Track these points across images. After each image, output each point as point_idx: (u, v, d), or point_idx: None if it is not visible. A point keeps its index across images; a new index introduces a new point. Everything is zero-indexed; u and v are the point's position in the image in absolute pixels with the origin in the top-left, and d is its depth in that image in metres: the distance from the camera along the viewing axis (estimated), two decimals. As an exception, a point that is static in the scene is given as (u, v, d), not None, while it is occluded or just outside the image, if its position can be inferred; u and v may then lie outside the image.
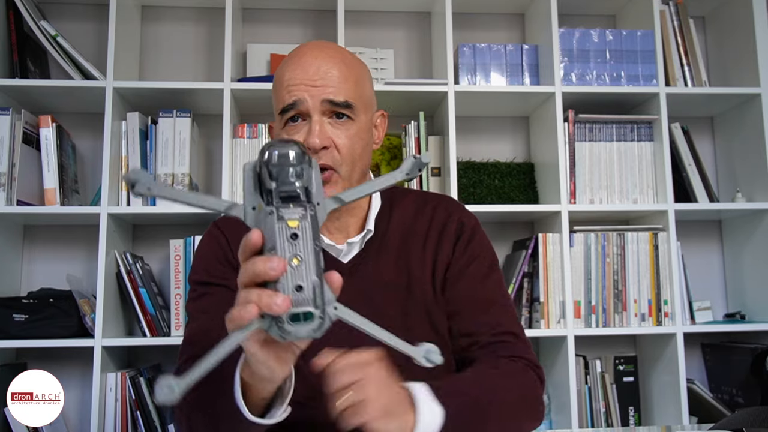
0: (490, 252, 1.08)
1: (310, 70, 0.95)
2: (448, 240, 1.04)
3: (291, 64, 0.97)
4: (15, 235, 2.07)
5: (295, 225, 0.58)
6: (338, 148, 0.95)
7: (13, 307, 1.85)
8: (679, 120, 2.22)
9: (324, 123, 0.95)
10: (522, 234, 2.27)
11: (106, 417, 1.85)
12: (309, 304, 0.57)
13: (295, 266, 0.57)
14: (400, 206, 1.07)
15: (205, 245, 1.07)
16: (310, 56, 0.96)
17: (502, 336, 0.99)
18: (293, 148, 0.60)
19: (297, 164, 0.60)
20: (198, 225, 2.06)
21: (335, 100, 0.94)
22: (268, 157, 0.60)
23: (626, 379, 2.08)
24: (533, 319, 2.04)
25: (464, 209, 1.10)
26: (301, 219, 0.58)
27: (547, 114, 2.13)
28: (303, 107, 0.94)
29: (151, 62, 2.26)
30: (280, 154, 0.59)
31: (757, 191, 2.14)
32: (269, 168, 0.59)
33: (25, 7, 1.96)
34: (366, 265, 1.01)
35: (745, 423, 0.96)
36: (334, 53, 0.98)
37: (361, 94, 0.98)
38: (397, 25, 2.35)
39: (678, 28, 2.20)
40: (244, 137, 2.02)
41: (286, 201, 0.59)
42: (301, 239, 0.58)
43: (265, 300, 0.57)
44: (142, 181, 0.58)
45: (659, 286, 2.03)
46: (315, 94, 0.94)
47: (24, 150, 1.90)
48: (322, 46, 0.99)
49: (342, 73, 0.96)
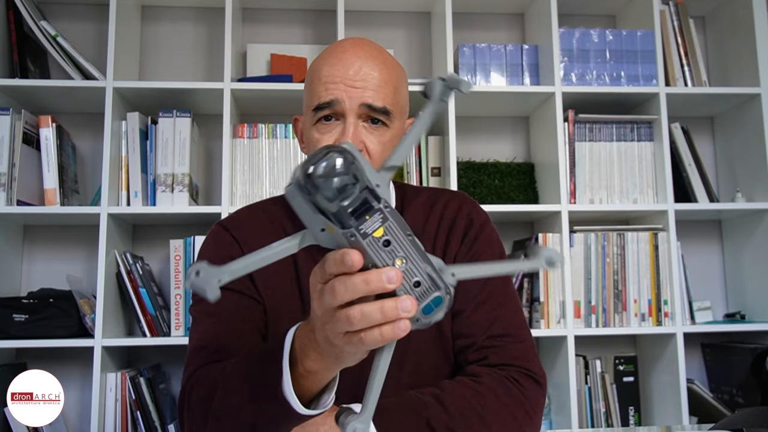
0: (499, 248, 1.05)
1: (351, 69, 0.91)
2: (456, 235, 1.01)
3: (331, 59, 0.93)
4: (15, 235, 2.07)
5: (381, 233, 0.54)
6: (370, 152, 0.92)
7: (13, 307, 1.85)
8: (679, 120, 2.22)
9: (358, 126, 0.91)
10: (522, 234, 2.27)
11: (106, 417, 1.85)
12: (433, 291, 0.56)
13: (403, 266, 0.55)
14: (411, 206, 1.05)
15: (209, 246, 1.03)
16: (351, 53, 0.92)
17: (495, 340, 0.95)
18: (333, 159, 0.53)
19: (346, 171, 0.53)
20: (198, 225, 2.06)
21: (374, 105, 0.91)
22: (315, 181, 0.52)
23: (626, 379, 2.08)
24: (533, 319, 2.04)
25: (475, 205, 1.07)
26: (384, 222, 0.54)
27: (547, 114, 2.13)
28: (339, 107, 0.91)
29: (151, 62, 2.26)
30: (326, 173, 0.52)
31: (757, 191, 2.14)
32: (323, 193, 0.52)
33: (25, 7, 1.96)
34: None
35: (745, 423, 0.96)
36: (376, 53, 0.94)
37: (399, 100, 0.95)
38: (397, 25, 2.35)
39: (678, 28, 2.20)
40: (244, 137, 2.02)
41: (360, 212, 0.54)
42: (393, 241, 0.55)
43: (392, 313, 0.53)
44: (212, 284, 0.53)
45: (659, 286, 2.03)
46: (354, 95, 0.90)
47: (24, 150, 1.90)
48: (364, 44, 0.95)
49: (383, 77, 0.92)
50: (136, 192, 1.95)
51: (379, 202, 0.54)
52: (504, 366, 0.93)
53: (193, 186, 2.01)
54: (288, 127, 2.04)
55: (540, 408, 0.94)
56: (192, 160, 2.00)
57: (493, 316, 0.96)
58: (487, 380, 0.90)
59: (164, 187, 1.95)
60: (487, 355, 0.94)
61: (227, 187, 1.94)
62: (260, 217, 1.03)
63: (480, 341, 0.95)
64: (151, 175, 1.98)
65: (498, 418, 0.86)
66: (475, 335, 0.95)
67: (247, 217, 1.04)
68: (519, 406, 0.89)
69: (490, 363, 0.93)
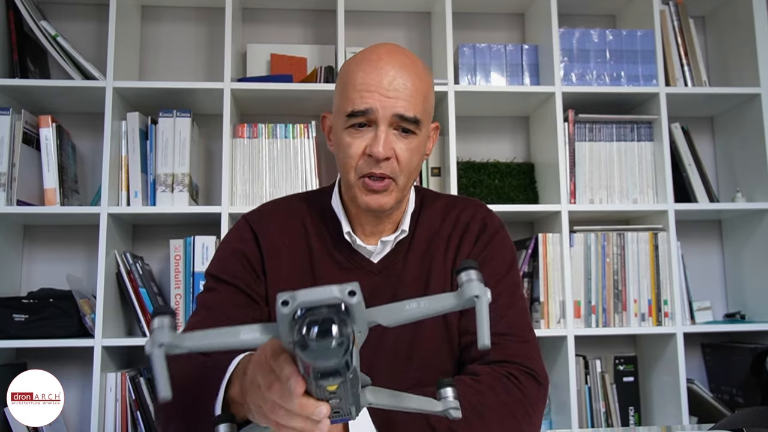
0: (510, 253, 1.08)
1: (385, 79, 0.94)
2: (469, 239, 1.05)
3: (366, 66, 0.96)
4: (15, 235, 2.07)
5: (333, 389, 0.57)
6: (399, 159, 0.96)
7: (13, 307, 1.85)
8: (679, 120, 2.22)
9: (389, 133, 0.95)
10: (522, 234, 2.27)
11: (106, 417, 1.85)
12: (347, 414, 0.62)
13: (334, 401, 0.60)
14: (429, 210, 1.09)
15: (229, 239, 1.07)
16: (386, 63, 0.96)
17: (498, 337, 0.95)
18: (334, 325, 0.50)
19: (339, 342, 0.50)
20: (198, 225, 2.06)
21: (406, 116, 0.94)
22: (307, 335, 0.50)
23: (626, 379, 2.08)
24: (533, 319, 2.05)
25: (490, 211, 1.11)
26: (341, 384, 0.56)
27: (547, 114, 2.13)
28: (373, 116, 0.94)
29: (151, 62, 2.26)
30: (321, 335, 0.50)
31: (757, 191, 2.14)
32: (306, 347, 0.50)
33: (25, 7, 1.96)
34: (394, 265, 1.03)
35: (745, 423, 0.96)
36: (410, 63, 0.97)
37: (427, 108, 0.99)
38: (397, 25, 2.35)
39: (678, 28, 2.20)
40: (244, 137, 2.02)
41: (327, 375, 0.54)
42: (340, 393, 0.58)
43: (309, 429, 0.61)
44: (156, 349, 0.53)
45: (659, 286, 2.03)
46: (387, 105, 0.94)
47: (24, 150, 1.90)
48: (398, 53, 0.98)
49: (415, 87, 0.96)
50: (136, 192, 1.95)
51: (348, 370, 0.54)
52: (504, 363, 0.95)
53: (193, 186, 2.01)
54: (288, 127, 2.03)
55: (540, 407, 0.94)
56: (192, 160, 2.00)
57: (498, 314, 0.97)
58: (487, 378, 0.91)
59: (164, 187, 1.95)
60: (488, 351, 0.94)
61: (227, 187, 1.94)
62: (282, 212, 1.08)
63: None
64: (151, 175, 1.98)
65: (497, 415, 0.87)
66: None
67: (271, 211, 1.09)
68: (518, 404, 0.90)
69: (492, 359, 0.95)
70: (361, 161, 0.96)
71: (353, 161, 0.96)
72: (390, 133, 0.95)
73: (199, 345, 0.55)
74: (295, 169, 2.02)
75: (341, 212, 1.05)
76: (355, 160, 0.96)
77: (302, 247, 1.04)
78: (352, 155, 0.96)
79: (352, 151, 0.96)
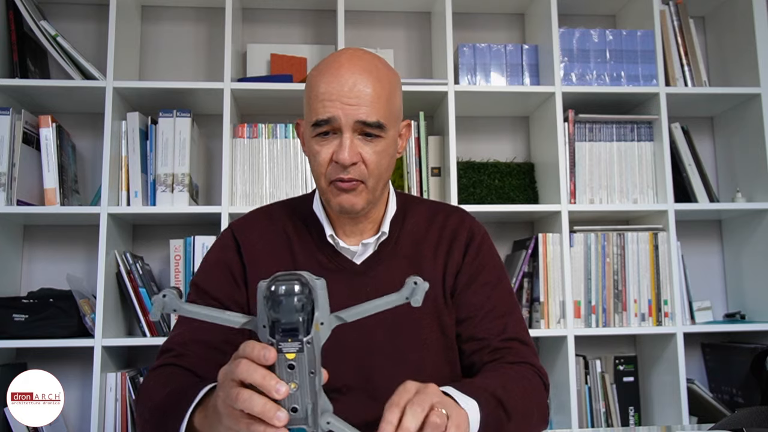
0: (499, 260, 1.14)
1: (345, 87, 0.96)
2: (458, 246, 1.09)
3: (327, 75, 0.98)
4: (15, 235, 2.07)
5: (292, 357, 0.65)
6: (366, 162, 0.98)
7: (13, 307, 1.85)
8: (679, 120, 2.22)
9: (354, 139, 0.98)
10: (522, 234, 2.27)
11: (106, 417, 1.85)
12: (302, 423, 0.66)
13: (293, 390, 0.65)
14: (413, 214, 1.12)
15: (214, 252, 1.11)
16: (346, 70, 0.97)
17: (509, 342, 1.04)
18: (296, 284, 0.65)
19: (299, 299, 0.64)
20: (198, 225, 2.06)
21: (368, 121, 0.97)
22: (274, 290, 0.65)
23: (626, 379, 2.08)
24: (533, 319, 2.04)
25: (474, 220, 1.15)
26: (298, 351, 0.65)
27: (547, 114, 2.13)
28: (336, 124, 0.97)
29: (151, 62, 2.26)
30: (285, 291, 0.64)
31: (757, 191, 2.14)
32: (273, 301, 0.64)
33: (25, 7, 1.96)
34: (378, 266, 1.06)
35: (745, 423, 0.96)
36: (370, 68, 0.99)
37: (392, 110, 1.01)
38: (397, 25, 2.35)
39: (678, 28, 2.20)
40: (244, 137, 2.02)
41: (287, 333, 0.65)
42: (297, 369, 0.65)
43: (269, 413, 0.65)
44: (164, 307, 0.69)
45: (659, 286, 2.03)
46: (349, 113, 0.96)
47: (24, 150, 1.90)
48: (358, 59, 1.00)
49: (376, 92, 0.97)
50: (136, 192, 1.95)
51: (307, 336, 0.65)
52: (520, 363, 1.03)
53: (193, 186, 2.01)
54: (288, 127, 2.04)
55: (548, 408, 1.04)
56: (192, 160, 2.00)
57: (503, 322, 1.06)
58: (518, 369, 1.01)
59: (164, 187, 1.95)
60: (503, 355, 1.03)
61: (227, 187, 1.94)
62: (263, 220, 1.12)
63: (494, 344, 1.04)
64: (151, 175, 1.98)
65: (536, 398, 0.98)
66: (489, 338, 1.05)
67: (255, 219, 1.14)
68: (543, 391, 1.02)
69: (508, 361, 1.02)
70: (329, 168, 0.99)
71: (322, 168, 1.00)
72: (355, 138, 0.98)
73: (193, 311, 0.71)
74: (295, 169, 2.02)
75: (323, 216, 1.08)
76: (324, 167, 0.99)
77: (285, 253, 1.07)
78: (321, 162, 0.99)
79: (320, 159, 0.99)
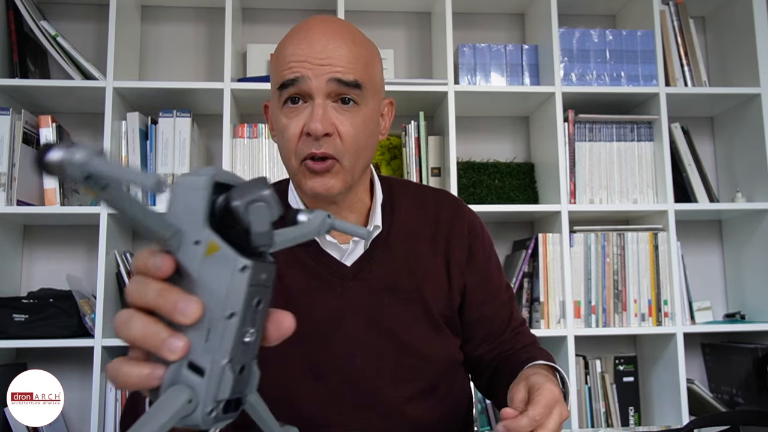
0: (495, 252, 1.08)
1: (317, 47, 0.85)
2: (458, 243, 0.99)
3: (295, 38, 0.88)
4: (15, 235, 2.07)
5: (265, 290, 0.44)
6: (341, 136, 0.86)
7: (13, 307, 1.85)
8: (679, 120, 2.22)
9: (328, 107, 0.86)
10: (522, 234, 2.27)
11: (106, 417, 1.85)
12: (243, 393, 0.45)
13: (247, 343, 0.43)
14: (400, 202, 1.00)
15: None
16: (317, 31, 0.87)
17: (519, 327, 1.05)
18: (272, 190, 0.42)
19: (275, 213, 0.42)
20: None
21: (344, 79, 0.85)
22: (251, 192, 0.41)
23: (626, 379, 2.08)
24: (533, 319, 2.04)
25: (465, 206, 1.05)
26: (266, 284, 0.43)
27: (547, 114, 2.13)
28: (305, 86, 0.85)
29: (151, 62, 2.26)
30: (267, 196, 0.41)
31: (757, 191, 2.14)
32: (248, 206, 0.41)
33: (25, 7, 1.96)
34: (371, 268, 0.93)
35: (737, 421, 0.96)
36: (344, 30, 0.89)
37: (372, 77, 0.89)
38: (397, 25, 2.35)
39: (678, 28, 2.20)
40: (244, 137, 2.02)
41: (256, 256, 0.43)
42: (261, 309, 0.43)
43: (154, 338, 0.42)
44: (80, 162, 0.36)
45: (659, 286, 2.03)
46: (320, 73, 0.84)
47: (24, 150, 1.90)
48: (330, 21, 0.90)
49: (352, 52, 0.86)
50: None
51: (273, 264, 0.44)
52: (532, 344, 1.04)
53: (193, 186, 2.01)
54: (288, 127, 2.03)
55: None
56: (192, 160, 2.00)
57: (508, 310, 1.05)
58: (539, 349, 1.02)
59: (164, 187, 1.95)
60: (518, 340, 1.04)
61: (227, 187, 1.94)
62: None
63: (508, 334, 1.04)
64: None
65: None
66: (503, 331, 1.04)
67: None
68: None
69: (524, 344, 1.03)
70: (300, 143, 0.86)
71: (292, 144, 0.86)
72: (329, 106, 0.86)
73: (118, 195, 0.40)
74: (295, 169, 2.02)
75: (301, 206, 0.93)
76: (294, 143, 0.86)
77: None
78: (290, 137, 0.86)
79: (289, 133, 0.86)
